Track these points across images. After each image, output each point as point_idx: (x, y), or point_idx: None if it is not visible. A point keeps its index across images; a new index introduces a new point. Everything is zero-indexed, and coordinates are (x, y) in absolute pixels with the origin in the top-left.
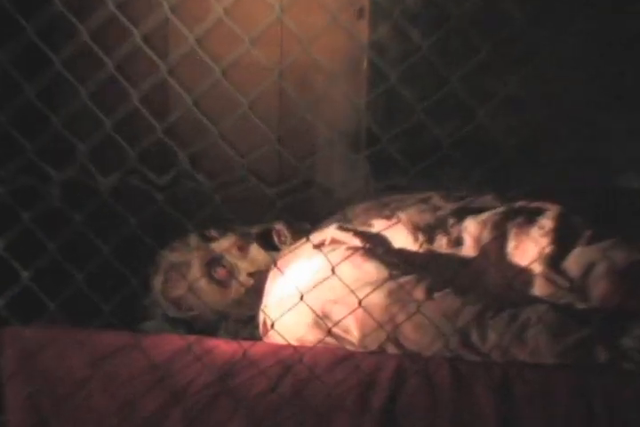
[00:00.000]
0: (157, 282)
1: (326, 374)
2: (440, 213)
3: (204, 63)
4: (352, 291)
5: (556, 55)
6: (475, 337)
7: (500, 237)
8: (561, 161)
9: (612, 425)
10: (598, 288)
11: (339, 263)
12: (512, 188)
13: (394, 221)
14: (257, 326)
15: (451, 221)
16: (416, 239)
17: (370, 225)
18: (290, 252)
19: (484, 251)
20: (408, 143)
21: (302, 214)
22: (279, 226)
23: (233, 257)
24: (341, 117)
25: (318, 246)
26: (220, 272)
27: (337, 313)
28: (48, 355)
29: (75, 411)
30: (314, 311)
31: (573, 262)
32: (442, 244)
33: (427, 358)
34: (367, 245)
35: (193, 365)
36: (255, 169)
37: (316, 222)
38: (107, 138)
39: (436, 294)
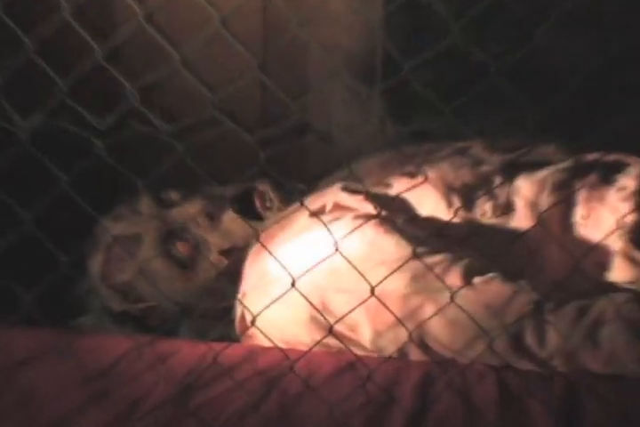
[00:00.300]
0: (96, 262)
1: (326, 388)
2: (483, 168)
3: None
4: (362, 274)
5: None
6: (529, 338)
7: (564, 203)
8: None
9: None
10: None
11: (344, 237)
12: (582, 134)
13: (419, 179)
14: (232, 323)
15: (497, 179)
16: (450, 205)
17: (387, 185)
18: (277, 221)
19: (542, 221)
20: (440, 74)
21: (294, 170)
22: (263, 186)
23: (200, 228)
24: (348, 39)
25: (316, 214)
26: (181, 249)
27: (341, 305)
28: None
29: None
30: (310, 302)
31: None
32: (485, 211)
33: (463, 366)
34: (383, 213)
35: (145, 375)
36: (231, 108)
37: (313, 182)
38: (28, 64)
39: (477, 280)
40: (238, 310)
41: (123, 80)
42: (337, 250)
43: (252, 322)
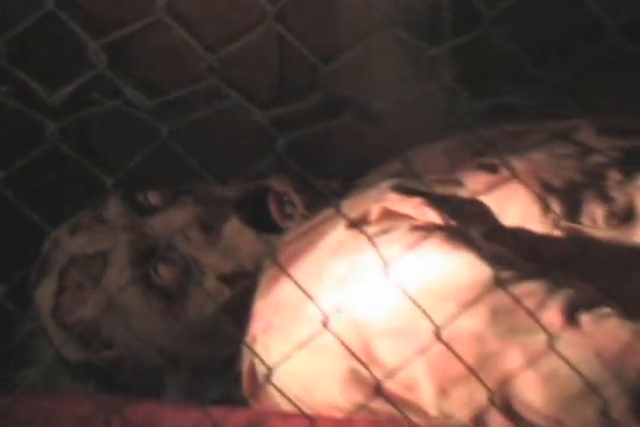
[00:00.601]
0: (46, 293)
1: None
2: (593, 160)
3: None
4: (422, 310)
5: None
6: None
7: None
8: None
9: None
10: None
11: (397, 257)
12: None
13: (503, 175)
14: (238, 379)
15: (614, 176)
16: (546, 211)
17: (456, 183)
18: (301, 235)
19: None
20: (532, 30)
21: (323, 162)
22: (280, 185)
23: (191, 244)
24: None
25: (357, 225)
26: (165, 274)
27: (392, 353)
28: None
29: None
30: (349, 349)
31: None
32: (596, 219)
33: None
34: (451, 223)
35: None
36: (237, 75)
37: (351, 178)
38: None
39: (586, 317)
40: (246, 360)
41: (84, 35)
42: (387, 276)
43: (268, 378)
